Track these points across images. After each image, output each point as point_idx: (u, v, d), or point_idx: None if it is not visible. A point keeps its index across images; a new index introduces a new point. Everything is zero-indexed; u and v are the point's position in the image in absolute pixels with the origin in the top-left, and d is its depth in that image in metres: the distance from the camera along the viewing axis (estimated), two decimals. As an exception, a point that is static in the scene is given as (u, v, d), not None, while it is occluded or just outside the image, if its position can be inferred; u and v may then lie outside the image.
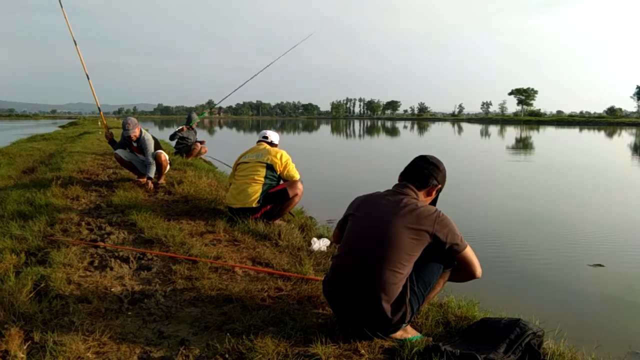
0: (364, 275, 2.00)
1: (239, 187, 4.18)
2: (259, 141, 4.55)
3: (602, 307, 3.54)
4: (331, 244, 3.55)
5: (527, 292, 3.79)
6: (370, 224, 2.09)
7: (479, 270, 2.12)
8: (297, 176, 4.27)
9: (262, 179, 4.14)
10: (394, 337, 2.04)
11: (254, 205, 4.08)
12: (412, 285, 2.04)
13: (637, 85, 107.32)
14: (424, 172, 2.18)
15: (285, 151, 4.36)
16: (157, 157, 5.65)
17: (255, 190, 4.09)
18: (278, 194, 4.16)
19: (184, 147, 8.72)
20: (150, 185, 5.63)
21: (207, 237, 3.65)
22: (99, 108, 6.23)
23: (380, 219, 2.06)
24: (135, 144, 5.80)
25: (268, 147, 4.41)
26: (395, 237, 1.98)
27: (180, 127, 8.96)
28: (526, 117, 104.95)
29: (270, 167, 4.20)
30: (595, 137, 32.95)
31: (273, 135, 4.60)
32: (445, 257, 2.08)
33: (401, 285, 1.99)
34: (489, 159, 15.95)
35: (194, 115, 9.10)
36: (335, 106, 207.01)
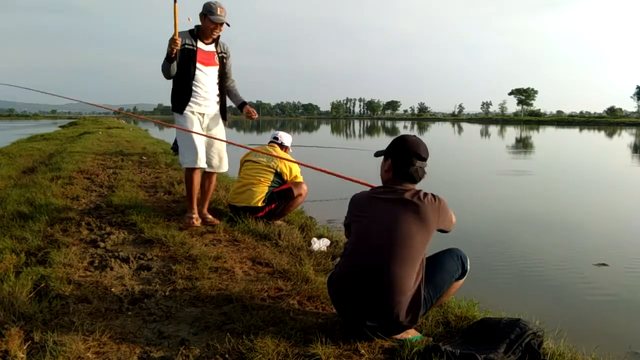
0: (375, 275, 1.99)
1: (244, 185, 4.16)
2: (270, 142, 4.50)
3: (603, 306, 3.53)
4: (331, 243, 3.55)
5: (527, 292, 3.79)
6: (379, 222, 2.07)
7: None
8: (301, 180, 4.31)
9: (269, 183, 4.16)
10: (394, 337, 2.04)
11: (259, 205, 4.08)
12: (424, 290, 2.05)
13: (637, 85, 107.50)
14: (413, 172, 2.18)
15: (297, 164, 4.29)
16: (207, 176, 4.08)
17: (262, 191, 4.09)
18: (282, 193, 4.16)
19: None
20: (253, 112, 4.04)
21: (207, 237, 3.65)
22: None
23: (387, 217, 2.06)
24: (213, 48, 3.80)
25: (280, 151, 4.37)
26: (405, 233, 2.00)
27: None
28: (526, 117, 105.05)
29: (278, 175, 4.20)
30: (595, 137, 32.93)
31: (285, 137, 4.53)
32: (460, 267, 2.18)
33: (415, 287, 2.00)
34: (489, 158, 15.95)
35: None
36: (335, 106, 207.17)
